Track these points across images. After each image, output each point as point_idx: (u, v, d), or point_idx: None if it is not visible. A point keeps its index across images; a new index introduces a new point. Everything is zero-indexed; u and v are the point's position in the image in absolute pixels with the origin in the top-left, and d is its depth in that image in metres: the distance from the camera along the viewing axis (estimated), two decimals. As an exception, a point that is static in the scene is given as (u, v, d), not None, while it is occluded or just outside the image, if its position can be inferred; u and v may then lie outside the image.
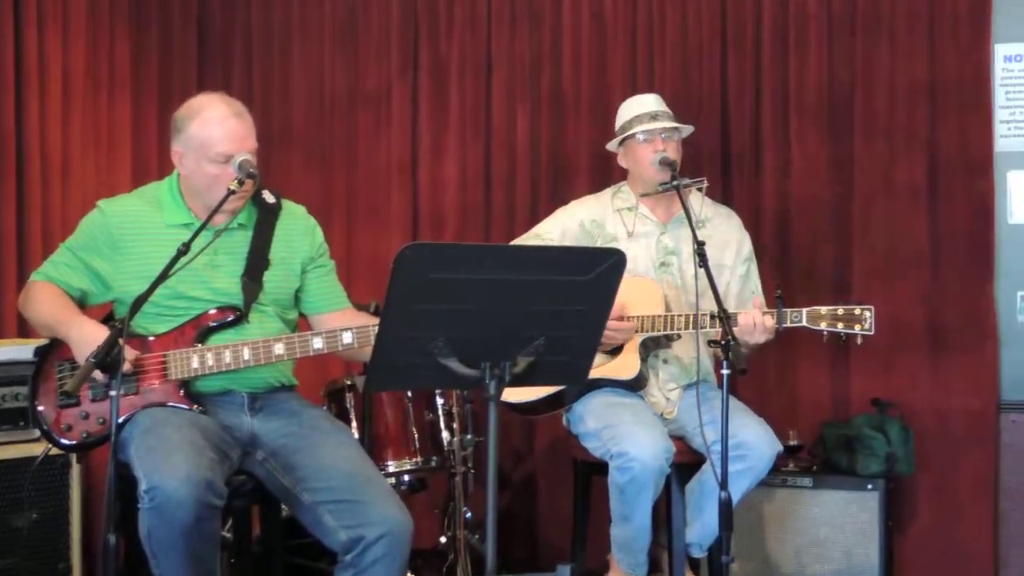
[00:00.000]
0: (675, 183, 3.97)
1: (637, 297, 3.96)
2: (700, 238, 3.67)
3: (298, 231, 3.62)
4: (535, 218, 4.71)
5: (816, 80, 4.96)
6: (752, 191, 5.03)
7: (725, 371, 3.37)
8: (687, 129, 4.24)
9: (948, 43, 4.83)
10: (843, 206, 4.95)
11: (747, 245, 4.28)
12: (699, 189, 4.12)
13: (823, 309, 3.78)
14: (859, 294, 4.69)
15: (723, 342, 3.38)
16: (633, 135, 4.17)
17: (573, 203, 4.37)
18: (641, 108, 4.21)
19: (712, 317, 3.71)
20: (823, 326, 3.78)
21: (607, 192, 4.35)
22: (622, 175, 4.35)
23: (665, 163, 4.05)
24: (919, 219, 4.86)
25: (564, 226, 4.25)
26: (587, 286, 2.61)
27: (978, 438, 4.73)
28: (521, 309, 2.60)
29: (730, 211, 4.39)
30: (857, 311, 3.77)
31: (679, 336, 4.05)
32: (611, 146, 4.31)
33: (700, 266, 3.59)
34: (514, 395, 4.02)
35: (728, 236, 4.25)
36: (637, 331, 3.94)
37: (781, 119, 5.01)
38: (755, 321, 3.76)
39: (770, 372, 4.95)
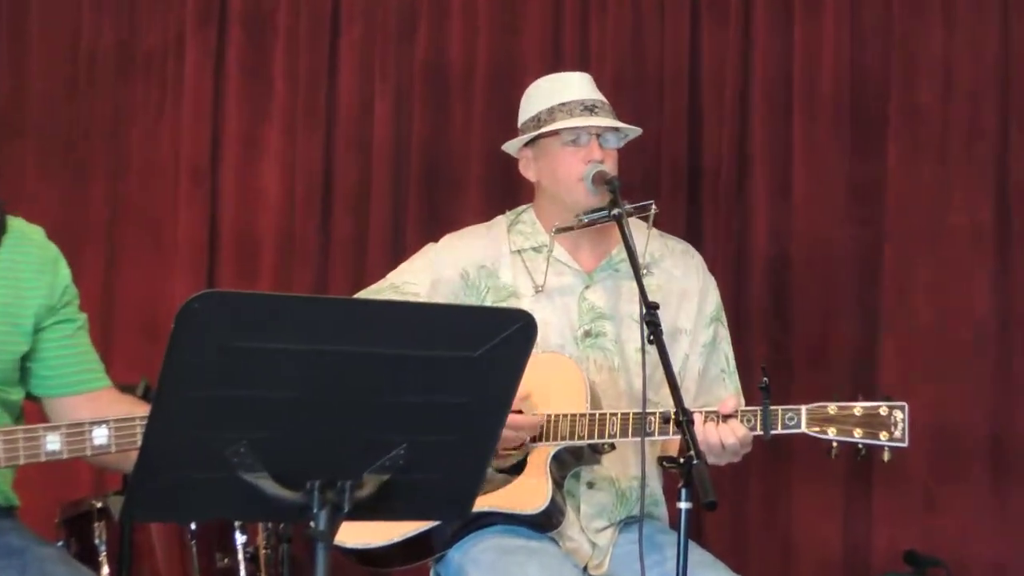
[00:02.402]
0: (614, 212, 3.96)
1: (549, 386, 3.96)
2: (648, 292, 3.66)
3: (31, 266, 3.59)
4: (400, 254, 4.73)
5: (833, 64, 5.08)
6: (733, 224, 5.13)
7: (684, 504, 3.38)
8: (632, 132, 4.26)
9: (1029, 16, 5.00)
10: (870, 253, 5.07)
11: (713, 297, 4.28)
12: (643, 218, 4.14)
13: (832, 407, 3.82)
14: (888, 386, 4.75)
15: (682, 459, 3.39)
16: (554, 134, 4.17)
17: (448, 238, 4.31)
18: (568, 93, 4.19)
19: (665, 421, 3.75)
20: (832, 434, 3.82)
21: (500, 222, 4.30)
22: (529, 195, 4.34)
23: (602, 181, 4.05)
24: (981, 276, 4.99)
25: (436, 274, 4.21)
26: (476, 366, 2.63)
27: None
28: (372, 400, 2.61)
29: (687, 246, 4.38)
30: (884, 411, 3.81)
31: (612, 447, 4.05)
32: (510, 147, 4.29)
33: (650, 341, 3.60)
34: (357, 534, 4.02)
35: (686, 284, 4.24)
36: (549, 438, 3.95)
37: (780, 119, 5.13)
38: (723, 441, 3.78)
39: (752, 505, 5.03)
